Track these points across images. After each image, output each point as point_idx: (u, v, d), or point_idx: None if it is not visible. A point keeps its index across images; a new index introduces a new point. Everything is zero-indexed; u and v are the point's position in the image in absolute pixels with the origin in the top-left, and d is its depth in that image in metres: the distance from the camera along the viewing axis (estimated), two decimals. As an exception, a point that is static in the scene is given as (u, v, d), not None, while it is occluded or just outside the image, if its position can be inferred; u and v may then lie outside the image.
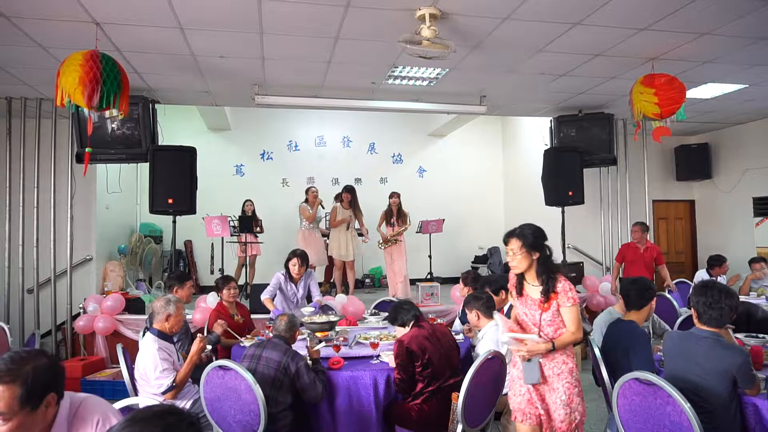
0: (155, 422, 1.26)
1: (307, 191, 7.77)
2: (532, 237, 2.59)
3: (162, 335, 3.20)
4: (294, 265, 4.68)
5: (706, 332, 2.60)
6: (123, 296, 6.04)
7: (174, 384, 3.08)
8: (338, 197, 7.78)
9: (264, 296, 4.64)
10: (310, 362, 3.14)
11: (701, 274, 6.41)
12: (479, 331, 3.63)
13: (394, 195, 7.68)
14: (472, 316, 3.60)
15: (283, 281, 4.74)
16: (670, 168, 8.82)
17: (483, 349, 3.36)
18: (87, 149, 4.47)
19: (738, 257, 7.21)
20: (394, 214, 7.60)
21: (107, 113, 4.12)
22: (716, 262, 6.30)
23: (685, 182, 8.82)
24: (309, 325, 3.84)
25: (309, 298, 4.98)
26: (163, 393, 3.05)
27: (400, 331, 3.27)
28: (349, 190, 7.71)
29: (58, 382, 1.62)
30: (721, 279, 6.25)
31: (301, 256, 4.75)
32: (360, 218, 7.63)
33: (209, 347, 3.78)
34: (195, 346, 3.31)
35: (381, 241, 7.55)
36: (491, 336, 3.43)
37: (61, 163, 6.09)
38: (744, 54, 4.87)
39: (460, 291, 4.71)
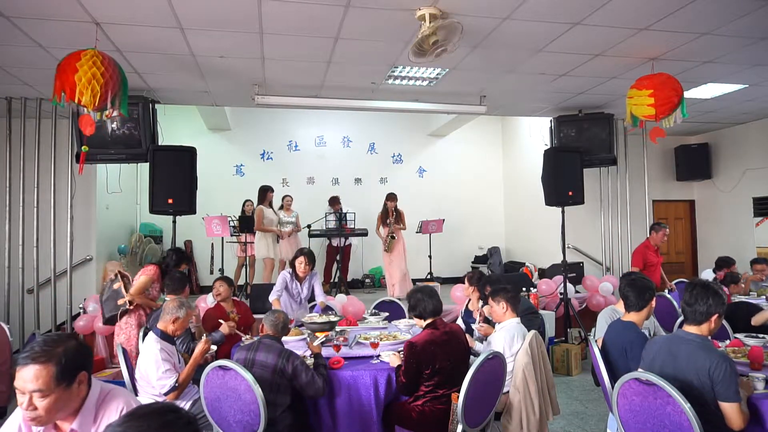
0: (154, 419, 1.29)
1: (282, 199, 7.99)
2: None
3: (164, 336, 3.20)
4: (300, 264, 4.65)
5: (692, 335, 2.52)
6: (123, 296, 6.03)
7: (177, 384, 3.08)
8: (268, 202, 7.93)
9: (272, 297, 4.62)
10: (311, 358, 3.14)
11: (707, 274, 6.38)
12: (498, 324, 3.51)
13: (391, 197, 7.69)
14: (498, 308, 3.44)
15: (288, 280, 4.72)
16: (670, 168, 8.82)
17: (496, 342, 3.33)
18: (83, 148, 4.47)
19: (738, 257, 7.20)
20: (391, 215, 7.62)
21: (106, 113, 4.12)
22: (724, 264, 6.11)
23: (685, 182, 8.82)
24: (309, 325, 3.84)
25: (312, 298, 4.97)
26: (166, 394, 3.05)
27: (417, 322, 3.25)
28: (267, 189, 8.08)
29: (87, 361, 1.79)
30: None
31: (308, 255, 4.72)
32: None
33: (214, 347, 3.79)
34: (200, 347, 3.31)
35: (384, 246, 7.62)
36: (510, 330, 3.35)
37: (61, 163, 6.09)
38: (744, 54, 4.87)
39: (465, 291, 4.69)
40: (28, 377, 1.62)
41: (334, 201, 8.36)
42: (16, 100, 5.91)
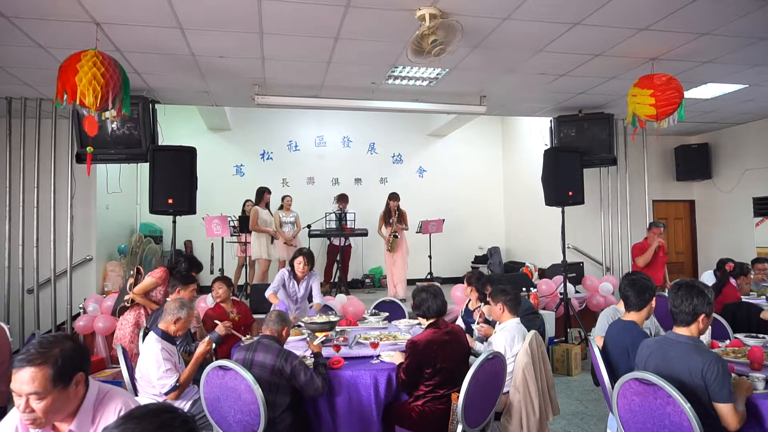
0: (150, 419, 1.29)
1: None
2: None
3: (165, 336, 3.20)
4: (299, 264, 4.66)
5: (683, 337, 2.51)
6: (123, 296, 6.03)
7: (177, 384, 3.08)
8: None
9: (268, 292, 4.64)
10: (311, 357, 3.14)
11: (707, 276, 6.36)
12: (498, 324, 3.54)
13: (394, 197, 7.68)
14: (496, 308, 3.49)
15: (287, 278, 4.73)
16: (670, 168, 8.82)
17: (496, 343, 3.34)
18: (88, 149, 4.45)
19: (738, 257, 7.18)
20: (393, 215, 7.61)
21: (108, 114, 4.12)
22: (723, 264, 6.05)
23: (685, 182, 8.82)
24: (309, 325, 3.84)
25: (310, 299, 4.97)
26: (166, 393, 3.05)
27: (421, 321, 3.27)
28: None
29: (84, 362, 1.77)
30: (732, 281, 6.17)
31: (307, 255, 4.72)
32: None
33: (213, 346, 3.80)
34: (201, 348, 3.32)
35: (386, 245, 7.62)
36: (510, 331, 3.37)
37: (61, 163, 6.08)
38: (744, 54, 4.87)
39: (464, 291, 4.70)
40: (24, 379, 1.61)
41: (342, 198, 8.28)
42: (16, 100, 5.91)
